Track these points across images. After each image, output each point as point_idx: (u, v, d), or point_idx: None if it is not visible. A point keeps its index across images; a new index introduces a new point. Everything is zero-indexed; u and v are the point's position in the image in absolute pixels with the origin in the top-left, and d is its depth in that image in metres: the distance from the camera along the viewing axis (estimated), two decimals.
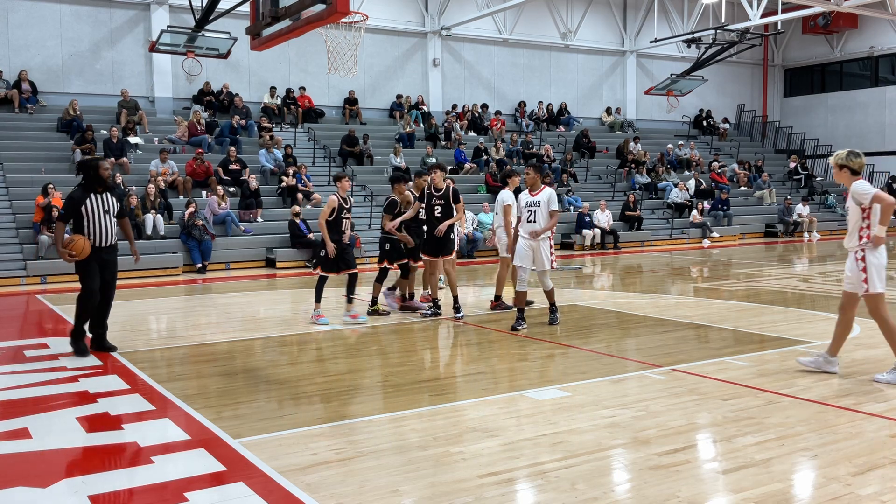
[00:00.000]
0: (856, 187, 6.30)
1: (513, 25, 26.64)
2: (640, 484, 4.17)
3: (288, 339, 8.71)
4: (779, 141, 32.41)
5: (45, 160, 17.77)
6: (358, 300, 10.19)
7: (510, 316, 9.88)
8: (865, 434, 4.98)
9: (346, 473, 4.35)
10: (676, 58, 29.29)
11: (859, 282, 6.29)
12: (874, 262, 6.25)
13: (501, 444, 4.81)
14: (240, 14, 15.66)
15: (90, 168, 7.53)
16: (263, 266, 17.00)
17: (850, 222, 6.38)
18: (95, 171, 7.49)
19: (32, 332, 9.73)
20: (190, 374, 6.96)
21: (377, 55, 24.32)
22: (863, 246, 6.27)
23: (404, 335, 8.81)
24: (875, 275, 6.25)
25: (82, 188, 7.52)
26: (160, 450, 4.83)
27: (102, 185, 7.55)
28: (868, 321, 9.03)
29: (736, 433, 4.99)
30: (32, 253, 14.89)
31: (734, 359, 7.14)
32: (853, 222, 6.34)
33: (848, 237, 6.42)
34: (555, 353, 7.63)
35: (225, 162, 18.64)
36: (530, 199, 8.83)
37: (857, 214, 6.31)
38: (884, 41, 29.72)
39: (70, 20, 20.22)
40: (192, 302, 12.51)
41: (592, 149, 25.72)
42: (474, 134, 24.77)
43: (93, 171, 7.50)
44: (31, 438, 5.06)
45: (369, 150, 21.75)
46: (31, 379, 6.71)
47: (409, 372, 6.95)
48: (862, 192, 6.25)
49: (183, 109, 21.31)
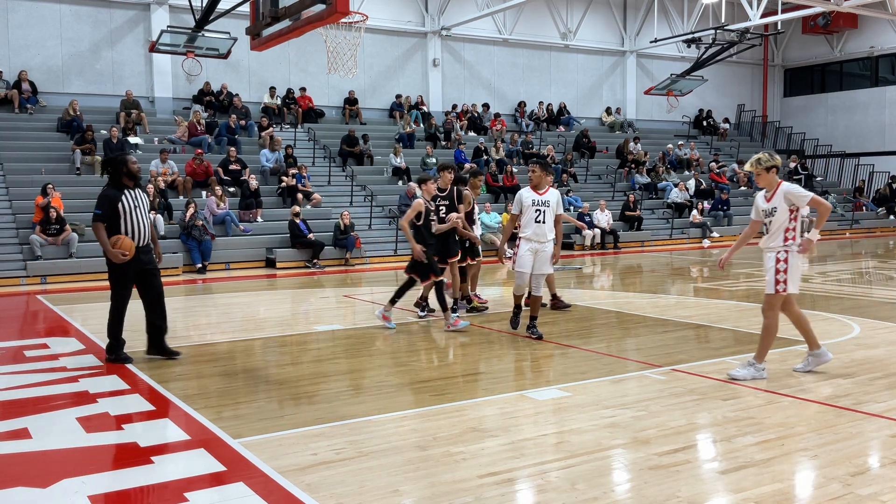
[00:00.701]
0: (791, 188, 6.31)
1: (513, 25, 26.64)
2: (640, 484, 4.17)
3: (288, 339, 8.71)
4: (779, 141, 32.41)
5: (45, 160, 17.78)
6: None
7: (510, 316, 9.89)
8: (865, 434, 4.98)
9: (346, 473, 4.35)
10: (676, 58, 29.30)
11: (773, 280, 6.30)
12: (795, 263, 6.30)
13: (501, 444, 4.81)
14: (240, 14, 15.67)
15: (119, 164, 7.18)
16: (263, 266, 17.01)
17: (775, 223, 6.34)
18: (125, 167, 7.18)
19: (32, 332, 9.72)
20: (190, 374, 6.96)
21: (377, 55, 24.32)
22: (787, 248, 6.28)
23: (404, 335, 8.80)
24: (794, 277, 6.31)
25: (114, 186, 7.17)
26: (160, 450, 4.83)
27: (133, 181, 7.26)
28: (868, 321, 9.06)
29: (736, 433, 4.99)
30: (32, 253, 14.89)
31: (734, 359, 7.13)
32: (779, 223, 6.31)
33: (769, 238, 6.39)
34: (555, 353, 7.63)
35: (225, 162, 18.64)
36: (538, 197, 8.23)
37: (785, 216, 6.30)
38: (884, 41, 29.72)
39: (70, 20, 20.23)
40: (192, 302, 12.51)
41: (592, 149, 25.73)
42: (474, 134, 24.77)
43: (122, 166, 7.18)
44: (31, 438, 5.06)
45: (369, 151, 21.75)
46: (31, 379, 6.71)
47: (409, 372, 6.95)
48: (799, 194, 6.26)
49: (183, 109, 21.31)
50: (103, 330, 9.19)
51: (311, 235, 17.08)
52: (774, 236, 6.36)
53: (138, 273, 7.29)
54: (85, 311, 10.90)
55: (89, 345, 8.28)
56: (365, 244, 18.01)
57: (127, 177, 7.19)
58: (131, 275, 7.25)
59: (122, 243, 7.02)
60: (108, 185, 7.23)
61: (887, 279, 14.03)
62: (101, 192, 7.18)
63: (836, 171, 30.74)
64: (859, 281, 13.89)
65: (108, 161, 7.40)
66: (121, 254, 6.99)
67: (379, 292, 13.13)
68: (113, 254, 6.99)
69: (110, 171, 7.27)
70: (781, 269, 6.29)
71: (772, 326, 6.41)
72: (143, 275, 7.33)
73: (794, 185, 6.41)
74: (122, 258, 7.01)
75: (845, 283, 13.27)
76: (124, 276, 7.24)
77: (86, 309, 11.17)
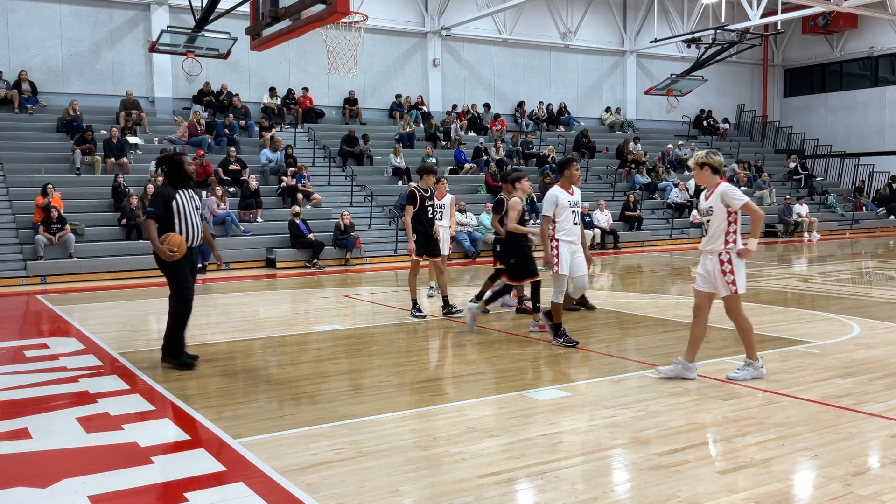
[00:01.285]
0: (728, 189, 6.27)
1: (513, 25, 26.64)
2: (640, 484, 4.17)
3: (288, 339, 8.71)
4: (779, 141, 32.41)
5: (45, 160, 17.78)
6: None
7: (509, 315, 9.89)
8: (865, 434, 4.98)
9: (346, 473, 4.35)
10: (676, 58, 29.30)
11: (724, 283, 6.28)
12: (740, 263, 6.33)
13: (501, 444, 4.81)
14: (240, 14, 15.67)
15: (175, 163, 7.08)
16: (263, 266, 17.01)
17: (713, 224, 6.30)
18: (180, 167, 7.08)
19: (32, 332, 9.73)
20: (190, 374, 6.95)
21: (377, 55, 24.32)
22: (729, 250, 6.27)
23: (404, 335, 8.80)
24: (741, 276, 6.34)
25: (169, 184, 7.05)
26: (160, 450, 4.83)
27: (188, 181, 7.17)
28: (868, 321, 9.05)
29: (736, 433, 4.99)
30: (32, 253, 14.90)
31: (734, 359, 7.13)
32: (717, 225, 6.29)
33: (709, 240, 6.35)
34: (555, 353, 7.63)
35: (225, 162, 18.64)
36: (571, 198, 7.86)
37: (722, 217, 6.27)
38: (884, 41, 29.72)
39: (70, 20, 20.23)
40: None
41: (592, 149, 25.72)
42: (474, 134, 24.77)
43: (178, 166, 7.08)
44: (31, 438, 5.06)
45: (369, 151, 21.75)
46: (31, 379, 6.71)
47: (409, 372, 6.94)
48: (734, 196, 6.23)
49: (183, 109, 21.31)
50: (103, 330, 9.23)
51: (311, 235, 17.08)
52: (714, 238, 6.31)
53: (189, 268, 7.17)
54: (85, 311, 10.91)
55: (89, 345, 8.27)
56: (365, 244, 18.01)
57: (182, 177, 7.09)
58: (188, 270, 7.10)
59: (171, 239, 6.83)
60: (164, 183, 7.12)
61: (887, 279, 14.02)
62: (156, 191, 7.14)
63: (836, 171, 30.74)
64: (859, 281, 13.88)
65: (165, 160, 7.27)
66: (168, 250, 6.79)
67: (379, 292, 13.14)
68: (161, 250, 6.80)
69: (165, 169, 7.16)
70: (728, 271, 6.27)
71: (744, 324, 6.39)
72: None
73: (733, 187, 6.34)
74: (170, 255, 6.81)
75: (845, 283, 13.27)
76: (182, 272, 7.04)
77: (86, 309, 11.18)
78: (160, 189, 7.07)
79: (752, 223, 6.28)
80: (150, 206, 6.98)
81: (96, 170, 17.82)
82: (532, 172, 23.53)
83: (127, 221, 16.00)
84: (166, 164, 7.18)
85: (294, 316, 10.71)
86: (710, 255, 6.38)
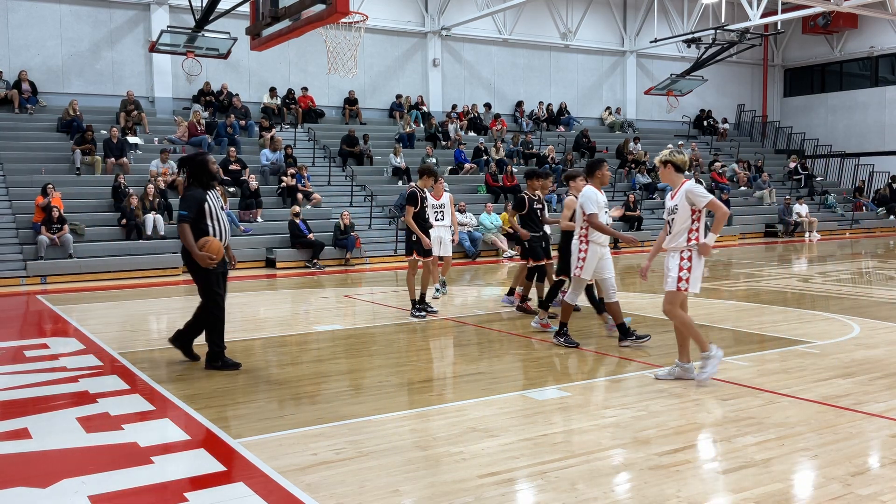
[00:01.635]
0: (693, 188, 6.26)
1: (513, 25, 26.64)
2: (640, 484, 4.17)
3: (288, 339, 8.71)
4: (779, 141, 32.42)
5: (45, 160, 17.78)
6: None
7: (508, 315, 9.89)
8: (865, 434, 4.98)
9: (346, 473, 4.35)
10: (676, 58, 29.30)
11: (674, 279, 6.27)
12: (699, 264, 6.30)
13: (501, 444, 4.81)
14: (240, 14, 15.68)
15: (200, 163, 6.96)
16: (263, 266, 17.01)
17: (678, 223, 6.30)
18: (205, 166, 6.97)
19: (32, 332, 9.73)
20: (190, 374, 6.95)
21: (377, 55, 24.32)
22: (690, 248, 6.26)
23: (404, 335, 8.80)
24: (697, 276, 6.31)
25: (197, 185, 6.92)
26: (160, 450, 4.82)
27: (213, 181, 7.08)
28: (868, 321, 9.05)
29: (736, 433, 4.98)
30: (32, 253, 14.89)
31: (734, 359, 7.13)
32: (681, 223, 6.28)
33: (672, 238, 6.36)
34: (555, 353, 7.63)
35: (225, 162, 18.64)
36: (604, 198, 8.04)
37: (686, 215, 6.26)
38: (884, 41, 29.72)
39: (70, 20, 20.23)
40: (191, 302, 12.45)
41: (592, 149, 25.72)
42: (474, 134, 24.77)
43: (203, 165, 6.97)
44: (31, 438, 5.06)
45: (369, 151, 21.75)
46: (31, 379, 6.71)
47: (409, 372, 6.94)
48: (699, 194, 6.22)
49: (183, 109, 21.32)
50: (103, 330, 9.23)
51: (311, 235, 17.08)
52: (678, 236, 6.31)
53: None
54: (85, 311, 10.91)
55: (89, 345, 8.27)
56: (365, 244, 18.01)
57: (208, 176, 6.99)
58: (220, 274, 7.00)
59: (210, 246, 6.72)
60: (191, 185, 6.96)
61: (887, 279, 14.02)
62: (186, 194, 6.88)
63: (836, 171, 30.74)
64: (859, 281, 13.88)
65: (188, 160, 7.11)
66: (208, 257, 6.69)
67: (379, 292, 13.14)
68: (201, 257, 6.68)
69: (190, 170, 7.01)
70: (685, 268, 6.27)
71: (683, 321, 6.32)
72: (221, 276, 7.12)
73: (698, 185, 6.31)
74: (210, 262, 6.72)
75: (845, 283, 13.27)
76: (215, 276, 6.93)
77: (85, 309, 11.18)
78: (190, 191, 6.87)
79: (715, 220, 6.22)
80: (184, 209, 6.78)
81: (96, 170, 17.82)
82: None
83: (127, 221, 16.00)
84: (190, 164, 7.04)
85: (294, 316, 10.71)
86: (673, 253, 6.37)
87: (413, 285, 9.97)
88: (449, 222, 11.14)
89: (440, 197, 11.01)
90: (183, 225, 6.74)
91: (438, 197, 10.97)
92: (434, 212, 10.84)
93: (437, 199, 10.96)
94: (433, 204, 10.84)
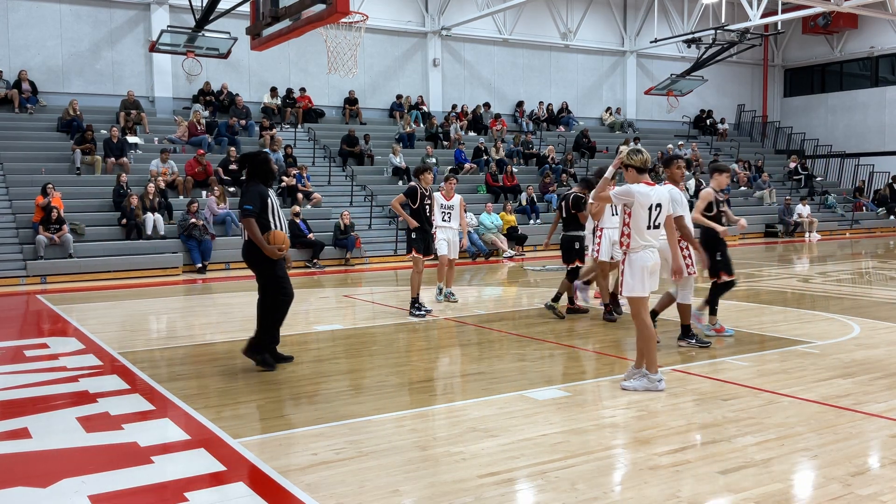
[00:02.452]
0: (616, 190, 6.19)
1: (513, 25, 26.64)
2: (639, 484, 4.17)
3: (288, 339, 8.70)
4: (779, 141, 32.41)
5: (45, 160, 17.78)
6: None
7: (509, 316, 9.89)
8: (865, 434, 4.98)
9: (346, 473, 4.35)
10: (676, 58, 29.29)
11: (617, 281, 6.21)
12: (631, 267, 6.10)
13: (501, 444, 4.80)
14: (240, 14, 15.67)
15: (262, 161, 7.02)
16: None
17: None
18: (267, 165, 7.05)
19: (32, 332, 9.72)
20: (190, 374, 6.95)
21: (377, 55, 24.32)
22: (624, 250, 6.17)
23: (404, 335, 8.80)
24: (632, 280, 6.10)
25: (260, 181, 6.98)
26: (160, 450, 4.82)
27: (273, 179, 7.17)
28: (868, 321, 9.06)
29: (736, 433, 4.98)
30: (32, 253, 14.89)
31: (734, 359, 7.13)
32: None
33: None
34: (555, 353, 7.63)
35: (225, 162, 18.64)
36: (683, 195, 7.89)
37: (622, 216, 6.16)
38: (884, 41, 29.72)
39: (70, 20, 20.22)
40: (191, 302, 12.51)
41: (592, 149, 25.73)
42: (474, 134, 24.77)
43: (265, 164, 7.04)
44: (31, 438, 5.06)
45: (369, 150, 21.75)
46: (31, 379, 6.71)
47: (409, 372, 6.94)
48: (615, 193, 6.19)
49: (183, 109, 21.31)
50: (103, 330, 9.23)
51: (311, 235, 17.08)
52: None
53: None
54: (84, 311, 10.90)
55: (89, 344, 8.27)
56: (365, 244, 18.01)
57: (270, 174, 7.07)
58: (283, 265, 7.03)
59: (276, 237, 6.76)
60: (253, 181, 7.00)
61: (887, 279, 14.02)
62: (249, 188, 6.91)
63: (836, 171, 30.74)
64: (859, 281, 13.88)
65: (250, 157, 7.14)
66: (277, 249, 6.73)
67: (379, 292, 13.14)
68: (270, 250, 6.70)
69: (250, 167, 7.05)
70: (622, 273, 6.17)
71: (642, 331, 6.10)
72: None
73: (627, 186, 6.07)
74: (279, 254, 6.76)
75: (845, 283, 13.26)
76: (281, 268, 6.97)
77: (85, 309, 11.18)
78: (253, 187, 6.90)
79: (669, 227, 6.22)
80: (248, 203, 6.77)
81: (96, 170, 17.82)
82: (532, 172, 23.55)
83: (127, 221, 16.00)
84: (252, 162, 7.07)
85: (294, 316, 10.68)
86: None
87: (416, 284, 9.96)
88: (457, 224, 10.85)
89: (451, 198, 10.78)
90: (249, 219, 6.72)
91: (449, 198, 10.76)
92: (442, 212, 10.65)
93: (448, 200, 10.75)
94: (442, 204, 10.66)
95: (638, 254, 6.07)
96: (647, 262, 6.06)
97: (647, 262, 6.06)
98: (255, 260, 6.93)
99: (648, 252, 6.08)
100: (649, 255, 6.08)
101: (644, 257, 6.06)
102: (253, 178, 7.01)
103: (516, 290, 13.55)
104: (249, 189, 6.92)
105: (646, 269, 6.06)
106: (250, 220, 6.72)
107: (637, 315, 6.13)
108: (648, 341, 6.08)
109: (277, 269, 6.93)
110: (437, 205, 10.51)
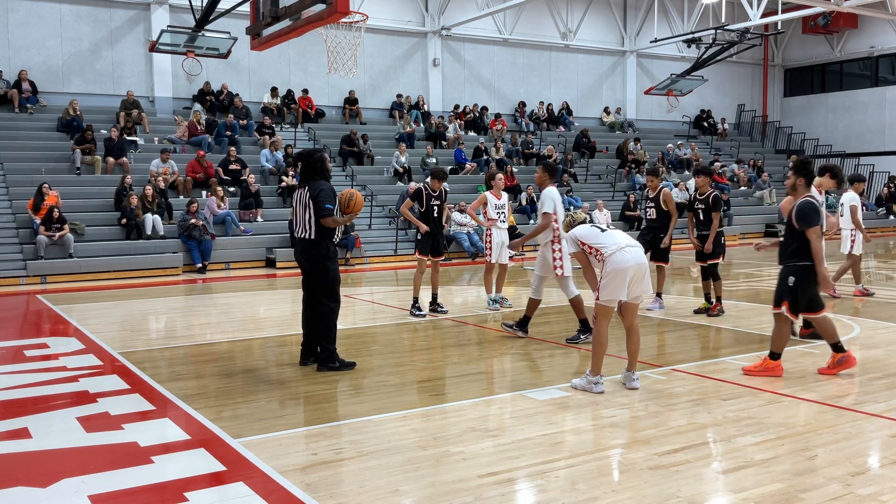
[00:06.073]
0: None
1: (513, 25, 26.64)
2: (639, 484, 4.17)
3: (288, 339, 8.70)
4: (779, 141, 32.41)
5: (45, 160, 17.77)
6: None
7: (510, 316, 9.89)
8: (865, 434, 4.98)
9: (346, 473, 4.35)
10: (676, 58, 29.29)
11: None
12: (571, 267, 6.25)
13: (501, 444, 4.81)
14: (240, 14, 15.66)
15: (320, 160, 7.14)
16: (263, 266, 17.00)
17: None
18: (324, 164, 7.18)
19: (32, 332, 9.73)
20: (190, 374, 6.96)
21: (377, 55, 24.32)
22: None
23: (404, 335, 8.81)
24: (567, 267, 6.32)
25: (324, 179, 7.13)
26: (160, 450, 4.83)
27: (329, 177, 7.29)
28: (868, 321, 9.06)
29: (736, 433, 4.99)
30: (32, 252, 14.89)
31: (734, 359, 7.14)
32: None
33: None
34: (555, 353, 7.63)
35: (225, 162, 18.64)
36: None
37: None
38: (884, 41, 29.71)
39: (70, 20, 20.22)
40: (191, 302, 12.51)
41: (592, 149, 25.73)
42: (474, 134, 24.77)
43: (322, 163, 7.12)
44: (31, 438, 5.06)
45: (369, 150, 21.75)
46: (31, 379, 6.71)
47: (409, 372, 6.94)
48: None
49: (183, 109, 21.31)
50: (103, 330, 9.23)
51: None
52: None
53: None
54: (84, 311, 10.90)
55: (89, 344, 8.27)
56: (365, 244, 18.01)
57: (326, 173, 7.21)
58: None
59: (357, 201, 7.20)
60: (317, 178, 7.09)
61: (887, 279, 14.02)
62: (323, 187, 7.00)
63: None
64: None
65: (305, 156, 7.22)
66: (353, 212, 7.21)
67: (379, 292, 13.13)
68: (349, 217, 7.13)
69: (307, 165, 7.14)
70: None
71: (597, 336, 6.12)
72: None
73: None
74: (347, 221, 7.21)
75: (845, 283, 13.25)
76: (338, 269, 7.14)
77: (85, 309, 11.18)
78: (323, 185, 7.02)
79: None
80: (328, 203, 6.91)
81: (96, 170, 17.82)
82: (531, 172, 23.53)
83: (127, 221, 16.00)
84: (309, 160, 7.16)
85: (294, 316, 10.70)
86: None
87: (418, 284, 9.95)
88: (506, 225, 10.31)
89: (501, 197, 10.27)
90: (330, 218, 6.92)
91: (500, 195, 10.26)
92: (497, 212, 10.15)
93: (499, 199, 10.22)
94: (495, 204, 10.19)
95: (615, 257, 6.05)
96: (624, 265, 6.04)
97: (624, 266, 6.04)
98: (322, 266, 6.97)
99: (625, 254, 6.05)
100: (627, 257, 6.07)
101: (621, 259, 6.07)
102: (312, 177, 7.10)
103: (516, 290, 13.55)
104: (325, 187, 7.01)
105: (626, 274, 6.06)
106: (331, 218, 6.90)
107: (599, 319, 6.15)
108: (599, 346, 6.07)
109: (338, 272, 7.14)
110: (490, 205, 10.11)
